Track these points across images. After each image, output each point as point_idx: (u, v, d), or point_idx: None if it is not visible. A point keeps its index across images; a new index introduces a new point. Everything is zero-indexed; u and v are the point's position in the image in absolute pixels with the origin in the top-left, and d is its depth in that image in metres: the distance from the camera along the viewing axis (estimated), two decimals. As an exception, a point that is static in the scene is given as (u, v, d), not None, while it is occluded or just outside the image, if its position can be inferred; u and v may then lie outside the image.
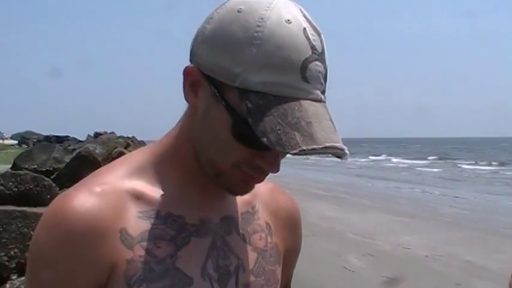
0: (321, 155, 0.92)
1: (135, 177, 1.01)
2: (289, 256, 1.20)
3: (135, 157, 1.06)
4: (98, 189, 0.97)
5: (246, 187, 1.01)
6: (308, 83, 0.90)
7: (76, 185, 1.00)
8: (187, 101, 0.99)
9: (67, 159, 9.28)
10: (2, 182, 5.06)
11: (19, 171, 5.88)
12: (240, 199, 1.09)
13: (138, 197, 0.99)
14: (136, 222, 0.97)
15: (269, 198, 1.17)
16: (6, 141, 66.63)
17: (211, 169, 0.98)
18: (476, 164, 41.23)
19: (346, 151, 0.90)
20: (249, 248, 1.08)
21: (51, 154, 9.94)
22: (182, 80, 0.98)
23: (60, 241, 0.93)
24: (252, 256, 1.08)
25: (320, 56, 0.92)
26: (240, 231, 1.09)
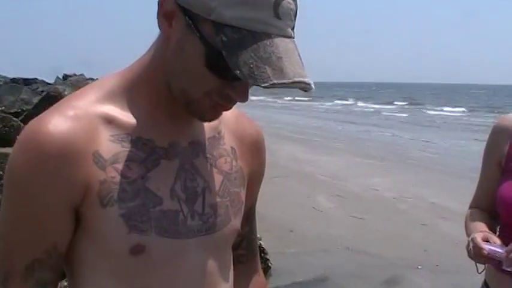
0: (290, 89, 0.94)
1: (106, 102, 1.04)
2: (254, 180, 1.26)
3: (106, 82, 1.08)
4: (70, 113, 1.00)
5: (214, 114, 1.06)
6: (280, 19, 0.94)
7: (49, 109, 1.03)
8: (160, 30, 1.01)
9: (35, 100, 9.19)
10: (-31, 121, 5.03)
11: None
12: (207, 125, 1.14)
13: (110, 121, 1.03)
14: (108, 145, 1.02)
15: (235, 124, 1.21)
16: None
17: (183, 97, 1.02)
18: (441, 110, 41.55)
19: (312, 86, 0.93)
20: (214, 171, 1.14)
21: (19, 96, 9.83)
22: (156, 9, 0.99)
23: (36, 163, 0.97)
24: (217, 178, 1.14)
25: None
26: (207, 155, 1.13)
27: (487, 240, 1.80)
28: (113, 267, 1.04)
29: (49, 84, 26.00)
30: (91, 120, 1.01)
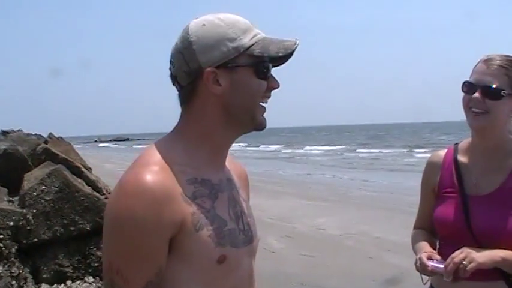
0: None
1: (173, 156, 1.44)
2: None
3: (167, 143, 1.49)
4: (156, 168, 1.38)
5: (265, 119, 1.51)
6: (257, 29, 1.49)
7: (136, 165, 1.41)
8: (204, 98, 1.46)
9: (-17, 158, 9.17)
10: None
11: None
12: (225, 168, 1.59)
13: (181, 170, 1.42)
14: (187, 187, 1.41)
15: (231, 165, 1.65)
16: None
17: (250, 117, 1.48)
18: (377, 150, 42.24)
19: (298, 39, 1.47)
20: (241, 198, 1.59)
21: (-35, 154, 9.74)
22: (189, 93, 1.47)
23: (147, 204, 1.31)
24: (245, 204, 1.60)
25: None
26: (235, 187, 1.59)
27: (430, 258, 2.21)
28: (202, 277, 1.41)
29: (-15, 141, 25.46)
30: (170, 171, 1.39)
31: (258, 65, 1.44)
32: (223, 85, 1.43)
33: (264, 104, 1.49)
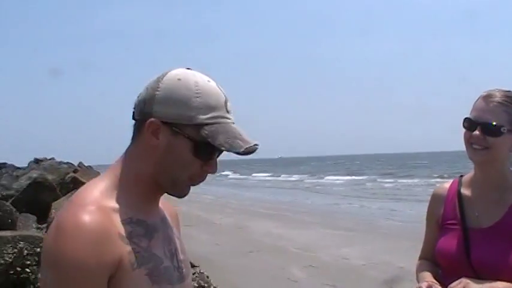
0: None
1: (108, 196, 1.45)
2: None
3: (103, 182, 1.49)
4: (92, 207, 1.39)
5: (189, 190, 1.54)
6: (228, 112, 1.48)
7: (72, 204, 1.42)
8: (142, 143, 1.46)
9: (15, 186, 9.43)
10: (-35, 208, 5.27)
11: (-18, 198, 6.12)
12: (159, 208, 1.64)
13: (116, 210, 1.44)
14: (123, 227, 1.43)
15: (164, 205, 1.68)
16: None
17: (170, 183, 1.48)
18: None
19: (258, 144, 1.45)
20: (175, 236, 1.65)
21: (-1, 181, 10.04)
22: (137, 130, 1.48)
23: (87, 245, 1.32)
24: (178, 242, 1.65)
25: (226, 97, 1.49)
26: (169, 226, 1.64)
27: (430, 287, 2.28)
28: None
29: (19, 168, 26.01)
30: (106, 211, 1.40)
31: (199, 144, 1.42)
32: (160, 141, 1.44)
33: (192, 183, 1.50)
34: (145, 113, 1.45)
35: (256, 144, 1.45)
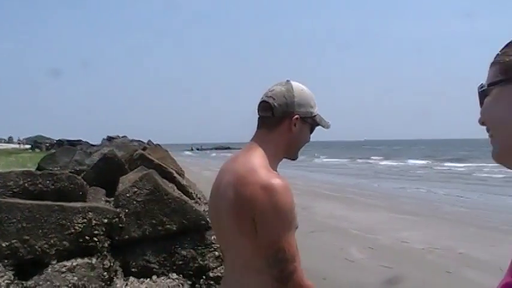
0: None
1: (266, 162, 2.08)
2: None
3: (259, 158, 2.09)
4: (275, 173, 2.05)
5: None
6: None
7: (261, 168, 2.01)
8: (281, 130, 2.16)
9: (87, 161, 9.95)
10: (41, 180, 5.65)
11: (55, 171, 6.56)
12: None
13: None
14: None
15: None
16: (22, 146, 67.19)
17: (296, 151, 2.22)
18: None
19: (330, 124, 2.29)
20: None
21: (72, 157, 10.56)
22: (277, 123, 2.16)
23: (291, 196, 1.96)
24: None
25: None
26: None
27: None
28: None
29: (93, 145, 27.15)
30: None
31: (313, 126, 2.23)
32: (296, 128, 2.16)
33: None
34: (288, 112, 2.13)
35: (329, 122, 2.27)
